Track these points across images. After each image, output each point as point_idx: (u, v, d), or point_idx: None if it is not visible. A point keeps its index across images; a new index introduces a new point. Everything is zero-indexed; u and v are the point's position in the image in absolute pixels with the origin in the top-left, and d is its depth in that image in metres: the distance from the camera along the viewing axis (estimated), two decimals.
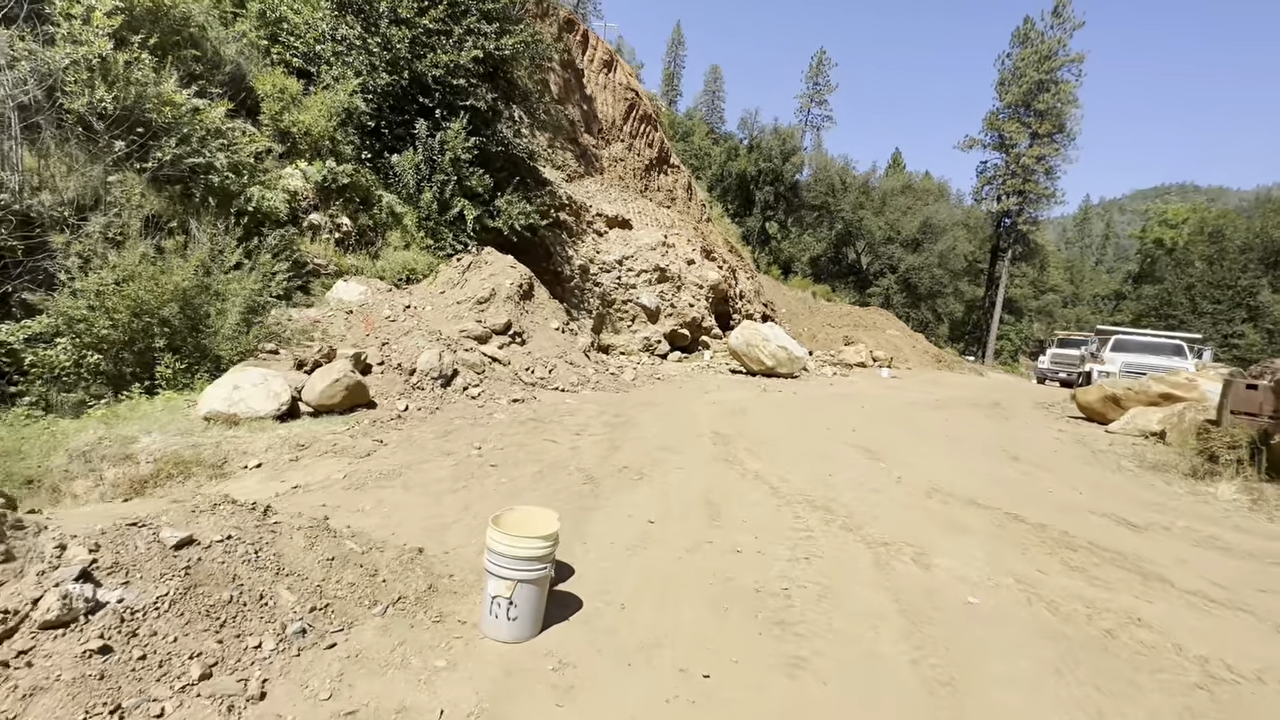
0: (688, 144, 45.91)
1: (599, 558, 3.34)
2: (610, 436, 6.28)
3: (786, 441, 7.00)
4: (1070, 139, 44.23)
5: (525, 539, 2.53)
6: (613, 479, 4.72)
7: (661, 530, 3.74)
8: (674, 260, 20.04)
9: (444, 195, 13.17)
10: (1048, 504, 5.40)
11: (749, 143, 44.67)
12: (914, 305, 44.01)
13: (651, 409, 8.28)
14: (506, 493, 4.19)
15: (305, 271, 11.69)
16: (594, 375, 9.92)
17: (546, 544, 2.57)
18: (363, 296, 11.56)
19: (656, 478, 4.87)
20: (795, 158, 42.43)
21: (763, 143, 42.35)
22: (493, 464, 4.77)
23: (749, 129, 44.45)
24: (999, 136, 46.01)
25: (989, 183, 47.23)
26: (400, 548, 2.92)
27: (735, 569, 3.27)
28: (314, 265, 11.84)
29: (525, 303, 12.73)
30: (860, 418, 9.57)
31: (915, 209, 43.84)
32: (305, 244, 11.85)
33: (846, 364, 21.00)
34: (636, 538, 3.58)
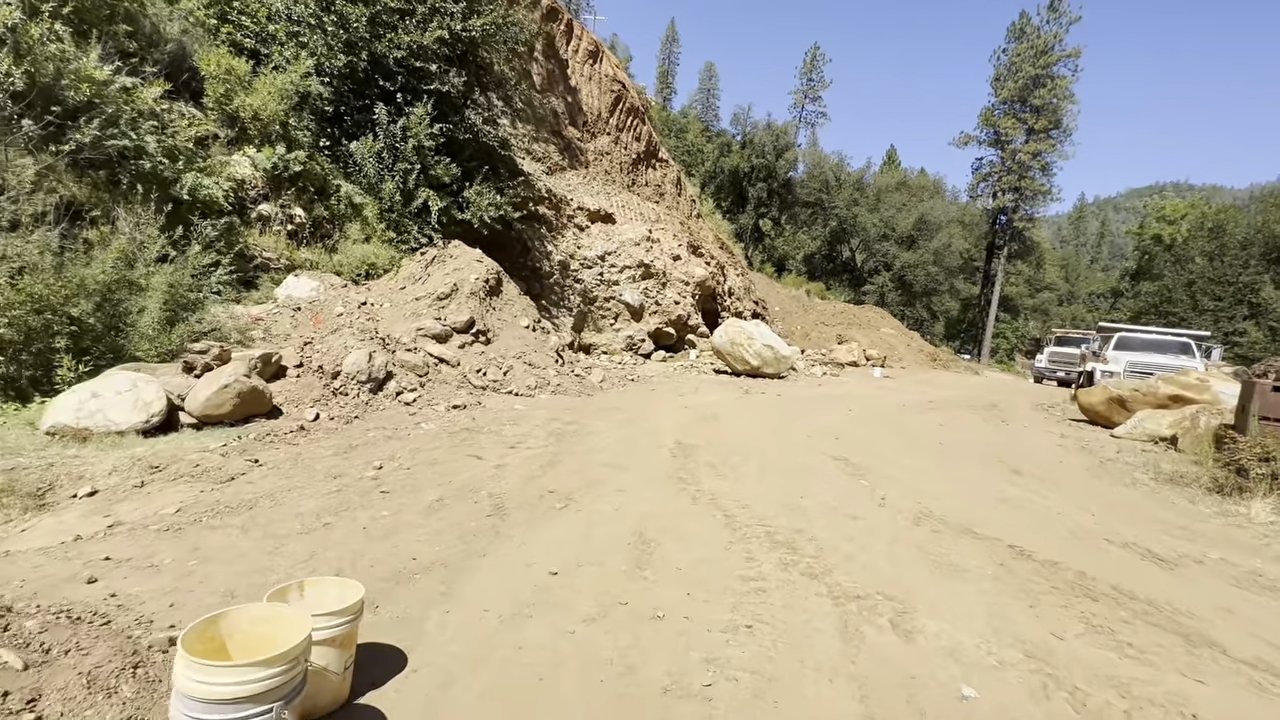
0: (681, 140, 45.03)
1: (454, 636, 2.41)
2: (550, 450, 5.41)
3: (758, 453, 6.11)
4: (1066, 135, 43.38)
5: (239, 669, 1.57)
6: (529, 508, 3.85)
7: (564, 586, 2.86)
8: (659, 256, 19.16)
9: (407, 185, 12.26)
10: (1057, 531, 4.52)
11: (742, 139, 43.75)
12: (909, 303, 43.16)
13: (612, 415, 7.40)
14: (380, 531, 3.31)
15: (253, 266, 10.81)
16: (555, 377, 9.04)
17: (279, 673, 1.61)
18: (315, 292, 10.69)
19: (586, 505, 4.00)
20: (789, 154, 41.50)
21: (755, 138, 41.41)
22: (385, 490, 3.89)
23: (742, 125, 43.58)
24: (994, 133, 45.13)
25: (984, 179, 46.36)
26: (123, 643, 1.98)
27: (645, 649, 2.38)
28: (263, 259, 10.95)
29: (492, 299, 11.83)
30: (846, 423, 8.70)
31: (910, 206, 42.98)
32: (253, 236, 10.96)
33: (838, 363, 20.14)
34: (525, 600, 2.70)
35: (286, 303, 10.28)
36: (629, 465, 5.13)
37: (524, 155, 18.48)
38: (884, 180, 45.31)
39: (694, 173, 40.98)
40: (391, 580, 2.81)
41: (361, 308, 10.72)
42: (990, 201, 45.76)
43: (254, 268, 10.80)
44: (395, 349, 7.42)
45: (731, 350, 14.23)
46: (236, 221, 10.64)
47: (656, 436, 6.42)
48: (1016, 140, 43.37)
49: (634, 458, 5.44)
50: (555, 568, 3.01)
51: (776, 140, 41.26)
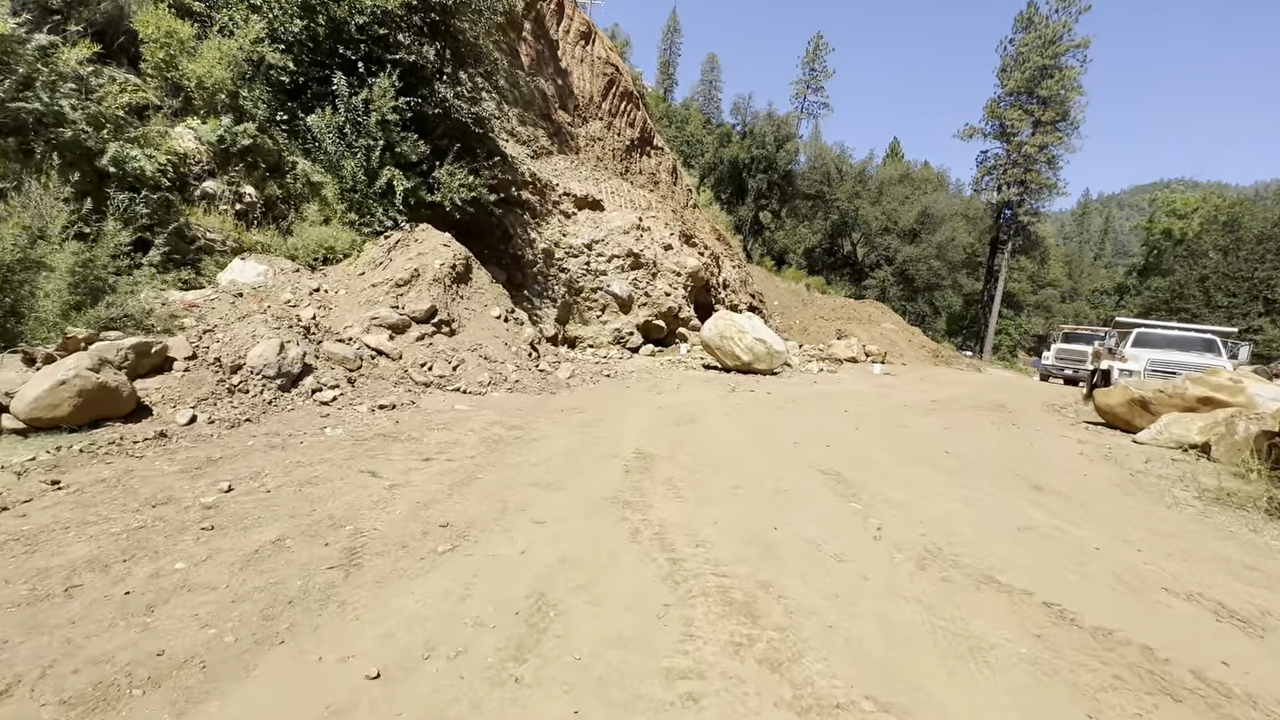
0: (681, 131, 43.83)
1: None
2: (474, 463, 4.42)
3: (732, 466, 5.11)
4: (1074, 127, 42.08)
5: None
6: (398, 554, 2.84)
7: (380, 701, 1.85)
8: (649, 245, 18.12)
9: (370, 163, 11.22)
10: (1100, 576, 3.51)
11: (742, 129, 42.54)
12: (911, 298, 42.03)
13: (569, 418, 6.40)
14: (148, 599, 2.21)
15: (195, 248, 9.81)
16: (514, 373, 8.04)
17: None
18: (261, 278, 9.70)
19: (483, 546, 3.01)
20: (790, 144, 40.29)
21: (756, 128, 40.20)
22: (210, 526, 2.90)
23: (742, 115, 42.34)
24: (1000, 125, 43.87)
25: (989, 172, 45.16)
26: None
27: None
28: (206, 240, 9.96)
29: (459, 287, 10.82)
30: (840, 427, 7.69)
31: (913, 199, 41.79)
32: (196, 215, 9.96)
33: (836, 359, 19.11)
34: None
35: (229, 288, 9.30)
36: (566, 483, 4.14)
37: (507, 137, 17.42)
38: (887, 173, 44.09)
39: (693, 164, 39.83)
40: (84, 707, 1.80)
41: (314, 295, 9.75)
42: (995, 195, 44.57)
43: (196, 250, 9.81)
44: (322, 339, 6.42)
45: (721, 344, 13.21)
46: (175, 199, 9.65)
47: (615, 444, 5.42)
48: (1023, 133, 42.10)
49: (576, 473, 4.44)
50: (383, 663, 1.99)
51: (777, 130, 40.05)
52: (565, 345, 16.16)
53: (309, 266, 10.63)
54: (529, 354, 10.81)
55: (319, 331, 6.64)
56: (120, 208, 7.80)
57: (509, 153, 16.71)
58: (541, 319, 15.67)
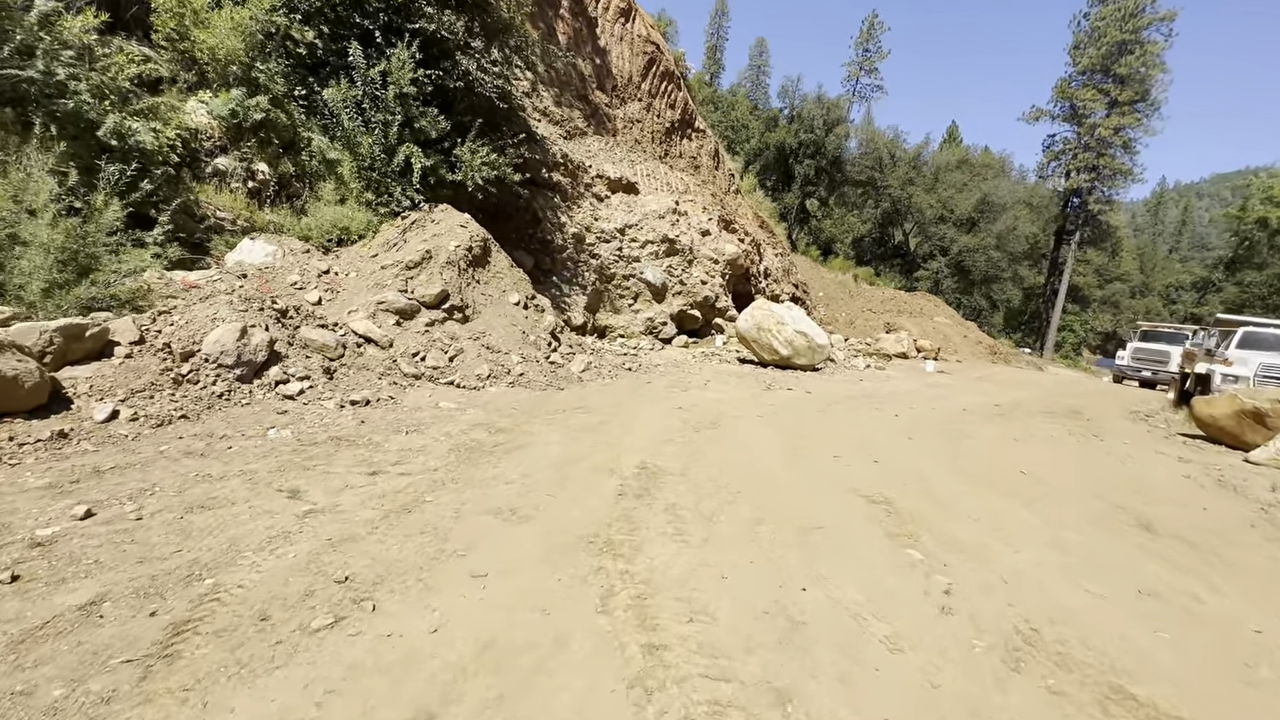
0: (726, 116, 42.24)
1: None
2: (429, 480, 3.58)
3: (756, 488, 4.13)
4: (1154, 108, 38.56)
5: None
6: (240, 635, 1.98)
7: None
8: (686, 230, 17.07)
9: (388, 139, 10.55)
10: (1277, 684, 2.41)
11: (789, 113, 40.62)
12: (966, 291, 39.54)
13: (569, 420, 5.52)
14: None
15: (204, 227, 9.34)
16: (519, 365, 7.21)
17: None
18: (270, 258, 9.17)
19: (378, 622, 2.13)
20: (839, 129, 38.21)
21: (804, 112, 38.26)
22: (15, 575, 2.13)
23: (790, 98, 40.38)
24: (1071, 106, 40.64)
25: (1057, 158, 41.98)
26: None
27: None
28: (216, 219, 9.47)
29: (476, 270, 10.07)
30: (890, 436, 6.57)
31: (972, 186, 39.13)
32: (207, 193, 9.49)
33: (884, 354, 17.68)
34: None
35: (235, 269, 8.78)
36: (537, 511, 3.26)
37: (539, 117, 16.62)
38: (943, 158, 41.44)
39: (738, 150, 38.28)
40: None
41: (322, 277, 9.17)
42: (1062, 182, 41.42)
43: (205, 229, 9.33)
44: (301, 324, 5.71)
45: (758, 337, 12.12)
46: (185, 175, 9.19)
47: (615, 455, 4.51)
48: (1096, 114, 38.84)
49: (556, 495, 3.55)
50: None
51: (827, 114, 38.03)
52: (594, 335, 15.34)
53: (322, 248, 10.06)
54: (548, 344, 10.00)
55: (298, 316, 5.93)
56: (111, 180, 7.28)
57: (540, 133, 15.91)
58: (570, 307, 14.87)
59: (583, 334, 14.76)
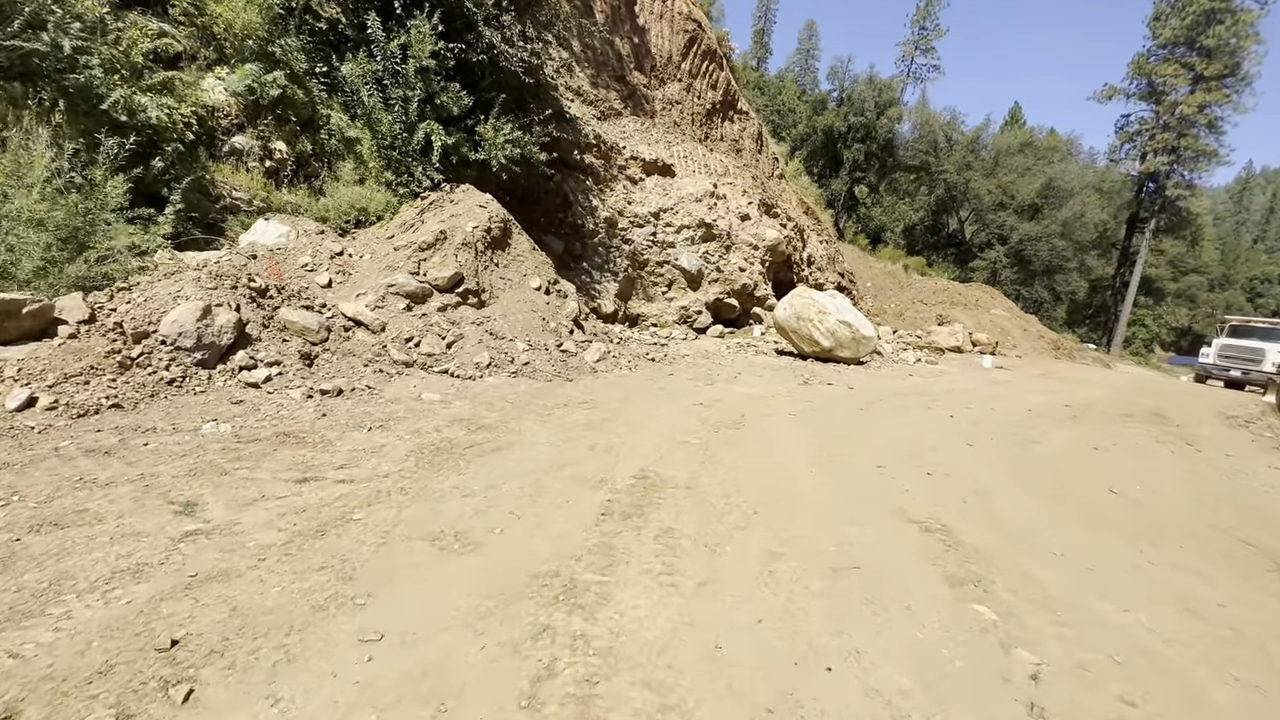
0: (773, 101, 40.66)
1: None
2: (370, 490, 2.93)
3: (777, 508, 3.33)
4: (1245, 83, 34.97)
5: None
6: None
7: None
8: (724, 215, 16.13)
9: (408, 116, 10.03)
10: None
11: (839, 95, 38.70)
12: (1026, 282, 37.03)
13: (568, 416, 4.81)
14: None
15: (219, 207, 9.04)
16: (524, 353, 6.55)
17: None
18: (283, 239, 8.79)
19: None
20: (892, 111, 36.14)
21: (855, 94, 36.34)
22: None
23: (839, 79, 38.42)
24: (1148, 83, 37.35)
25: (1131, 139, 38.73)
26: None
27: None
28: (232, 199, 9.16)
29: (494, 253, 9.48)
30: (944, 441, 5.63)
31: (1035, 170, 36.49)
32: (223, 172, 9.19)
33: (936, 348, 16.37)
34: None
35: (246, 250, 8.42)
36: (487, 538, 2.56)
37: (571, 97, 15.92)
38: (1004, 141, 38.75)
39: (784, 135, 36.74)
40: None
41: (335, 259, 8.74)
42: (1137, 165, 38.22)
43: (221, 209, 9.03)
44: (281, 305, 5.18)
45: (797, 327, 11.16)
46: (199, 153, 8.89)
47: (611, 461, 3.77)
48: (1178, 91, 35.56)
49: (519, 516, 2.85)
50: None
51: (879, 96, 36.02)
52: (625, 324, 14.64)
53: (339, 230, 9.64)
54: (569, 331, 9.34)
55: (280, 296, 5.41)
56: (110, 155, 6.94)
57: (572, 112, 15.23)
58: (600, 294, 14.20)
59: (613, 322, 14.08)
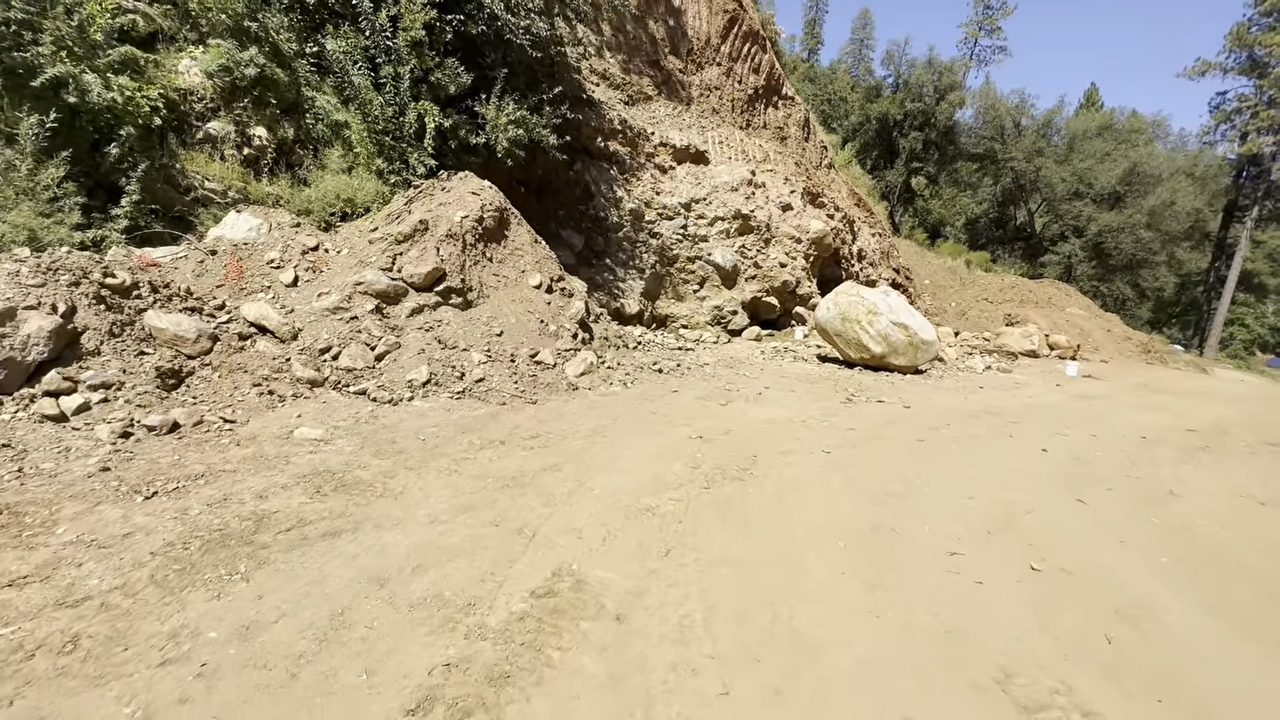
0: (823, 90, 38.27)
1: None
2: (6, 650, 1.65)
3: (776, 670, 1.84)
4: None
5: None
6: None
7: None
8: (762, 205, 14.47)
9: (400, 96, 8.93)
10: None
11: (895, 81, 36.00)
12: (1105, 278, 33.49)
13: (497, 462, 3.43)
14: None
15: (190, 199, 8.15)
16: (480, 366, 5.22)
17: None
18: (252, 234, 7.83)
19: None
20: (953, 95, 33.25)
21: (912, 79, 33.63)
22: None
23: (895, 64, 35.67)
24: (1249, 56, 33.09)
25: (1228, 118, 34.41)
26: None
27: None
28: (204, 191, 8.25)
29: (488, 246, 8.24)
30: (1043, 496, 3.97)
31: (1117, 155, 32.87)
32: (199, 161, 8.29)
33: (1008, 352, 14.21)
34: None
35: (213, 245, 7.48)
36: None
37: (596, 80, 14.59)
38: (1080, 124, 35.14)
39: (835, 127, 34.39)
40: None
41: (307, 255, 7.71)
42: (1236, 147, 33.96)
43: (191, 201, 8.12)
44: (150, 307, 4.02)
45: (842, 330, 9.46)
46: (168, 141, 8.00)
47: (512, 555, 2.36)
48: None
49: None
50: None
51: (939, 80, 33.23)
52: (652, 325, 13.23)
53: (324, 223, 8.60)
54: (572, 335, 8.01)
55: (155, 296, 4.26)
56: (30, 136, 6.03)
57: (597, 96, 13.90)
58: (624, 294, 12.84)
59: (637, 324, 12.68)
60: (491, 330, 7.34)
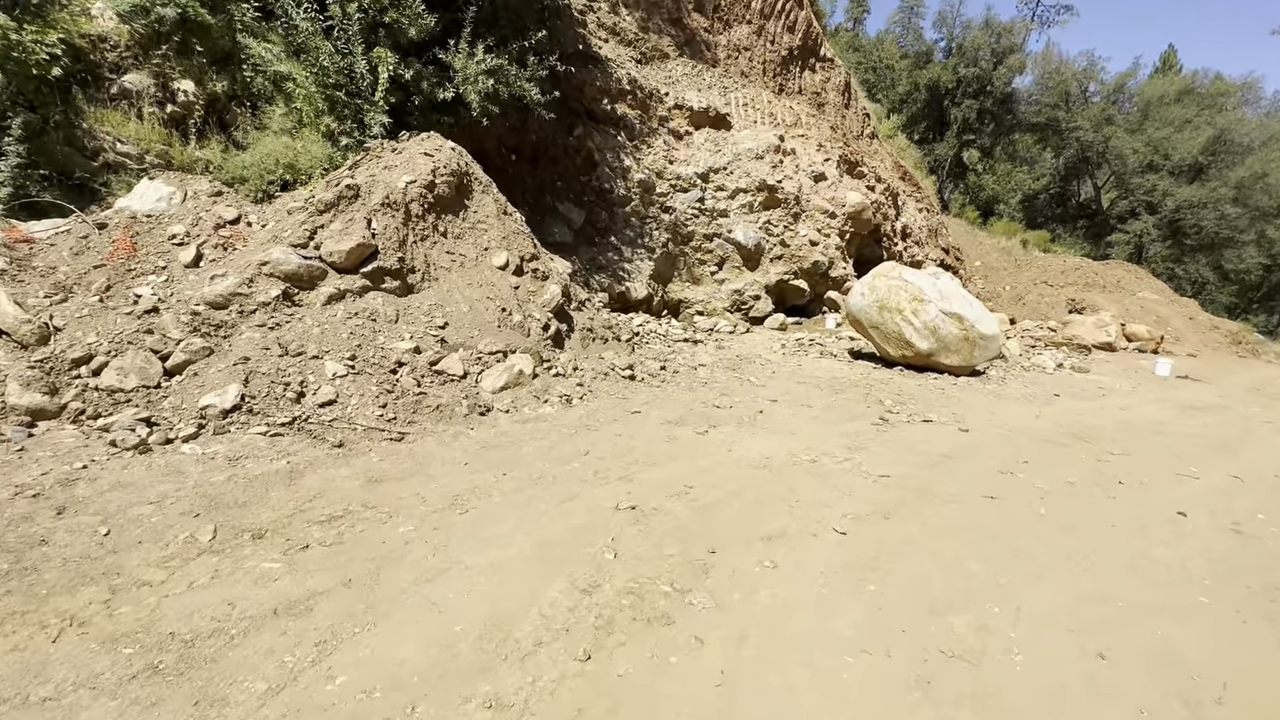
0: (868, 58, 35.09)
1: None
2: None
3: None
4: None
5: None
6: None
7: None
8: (791, 174, 12.47)
9: (349, 41, 7.39)
10: None
11: (947, 45, 32.58)
12: (1180, 259, 29.84)
13: (233, 577, 1.88)
14: None
15: (99, 164, 6.85)
16: (331, 383, 3.63)
17: None
18: (162, 204, 6.48)
19: None
20: (1012, 59, 29.81)
21: (967, 42, 30.28)
22: None
23: (948, 27, 32.22)
24: None
25: None
26: None
27: None
28: (117, 155, 6.92)
29: (440, 218, 6.68)
30: (1210, 629, 2.17)
31: (1199, 122, 28.97)
32: (114, 120, 6.97)
33: (1079, 345, 11.91)
34: None
35: (109, 217, 6.16)
36: None
37: (606, 36, 12.75)
38: (1155, 89, 31.14)
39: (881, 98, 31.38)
40: None
41: (222, 230, 6.33)
42: None
43: (100, 166, 6.82)
44: None
45: (880, 320, 7.56)
46: (74, 96, 6.70)
47: None
48: None
49: None
50: None
51: (996, 43, 29.81)
52: (662, 313, 11.52)
53: (261, 193, 7.16)
54: (544, 326, 6.43)
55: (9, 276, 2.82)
56: None
57: (605, 53, 12.10)
58: (630, 276, 11.15)
59: (643, 311, 11.00)
60: (432, 322, 5.80)
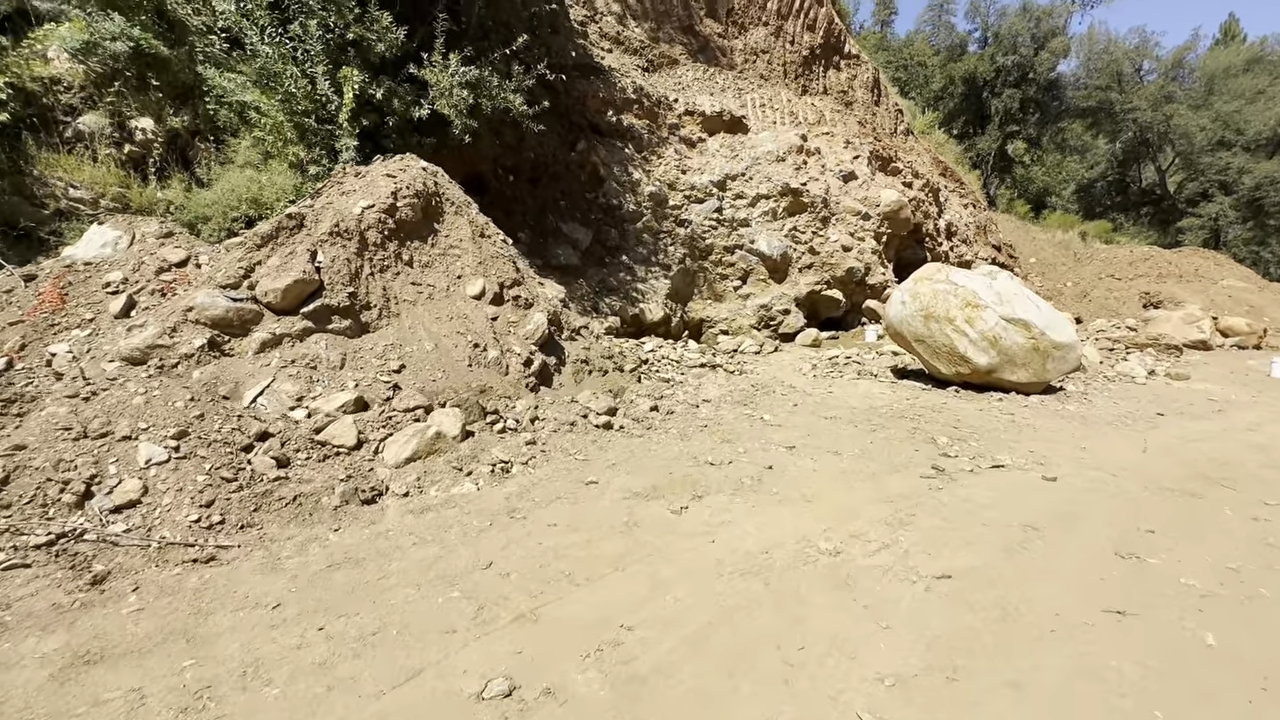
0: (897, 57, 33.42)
1: None
2: None
3: None
4: None
5: None
6: None
7: None
8: (817, 176, 11.25)
9: (311, 61, 6.71)
10: None
11: (982, 35, 30.62)
12: (1265, 241, 26.76)
13: None
14: None
15: (51, 211, 6.31)
16: (151, 470, 2.66)
17: None
18: (107, 249, 5.89)
19: None
20: (1056, 43, 27.68)
21: (1003, 29, 28.33)
22: None
23: (982, 16, 30.27)
24: None
25: None
26: None
27: None
28: (70, 201, 6.38)
29: (404, 245, 5.82)
30: None
31: (1273, 91, 26.12)
32: (69, 165, 6.45)
33: (1167, 345, 10.10)
34: None
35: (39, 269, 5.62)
36: None
37: (609, 46, 11.92)
38: (1218, 61, 28.33)
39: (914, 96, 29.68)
40: None
41: (165, 274, 5.65)
42: None
43: (51, 214, 6.27)
44: None
45: (926, 333, 6.22)
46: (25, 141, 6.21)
47: None
48: None
49: None
50: None
51: (1036, 27, 27.78)
52: (682, 334, 10.42)
53: (225, 231, 6.50)
54: (525, 362, 5.45)
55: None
56: None
57: (608, 64, 11.26)
58: (643, 296, 10.11)
59: (659, 333, 9.93)
60: (385, 365, 4.89)
